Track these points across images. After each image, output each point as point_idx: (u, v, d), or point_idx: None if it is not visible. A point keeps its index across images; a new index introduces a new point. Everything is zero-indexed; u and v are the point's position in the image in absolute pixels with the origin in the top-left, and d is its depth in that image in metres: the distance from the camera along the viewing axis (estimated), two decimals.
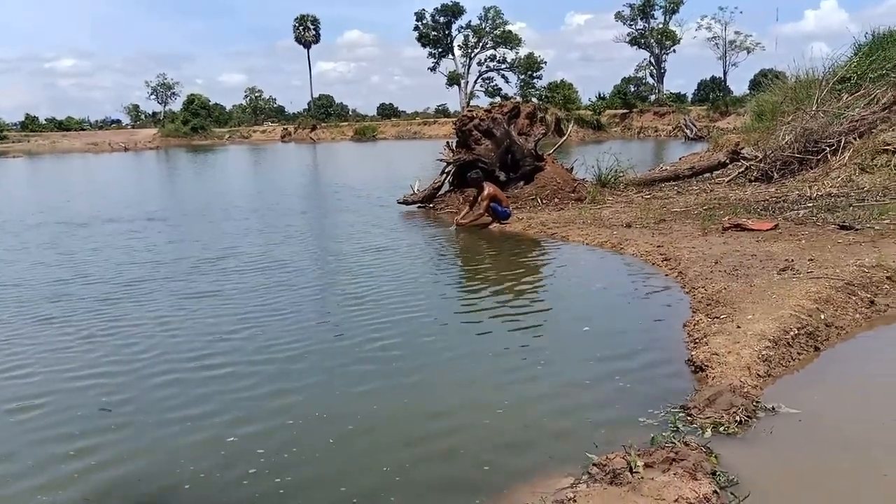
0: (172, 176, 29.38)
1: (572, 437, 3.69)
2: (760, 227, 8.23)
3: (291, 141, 66.86)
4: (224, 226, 12.09)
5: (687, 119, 49.45)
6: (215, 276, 7.91)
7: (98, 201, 17.33)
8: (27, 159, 46.85)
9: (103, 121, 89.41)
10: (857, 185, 10.64)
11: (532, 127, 13.21)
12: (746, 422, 3.63)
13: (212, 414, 4.16)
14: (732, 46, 65.78)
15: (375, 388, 4.48)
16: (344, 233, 11.15)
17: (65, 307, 6.74)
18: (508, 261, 8.50)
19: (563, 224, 10.10)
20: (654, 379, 4.41)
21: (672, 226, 9.21)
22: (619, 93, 64.92)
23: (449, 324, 5.91)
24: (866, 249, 6.79)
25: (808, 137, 12.48)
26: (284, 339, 5.50)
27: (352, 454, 3.64)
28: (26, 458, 3.72)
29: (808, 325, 4.83)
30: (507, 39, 73.10)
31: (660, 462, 3.19)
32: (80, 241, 10.85)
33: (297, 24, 77.73)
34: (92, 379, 4.80)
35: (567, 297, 6.82)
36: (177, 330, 5.87)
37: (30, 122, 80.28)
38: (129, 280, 7.84)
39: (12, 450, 3.83)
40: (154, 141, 65.86)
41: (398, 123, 72.94)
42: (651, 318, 5.77)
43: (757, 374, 4.17)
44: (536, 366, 4.78)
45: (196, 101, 75.25)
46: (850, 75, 14.23)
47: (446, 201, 13.01)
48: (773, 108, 16.59)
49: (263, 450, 3.67)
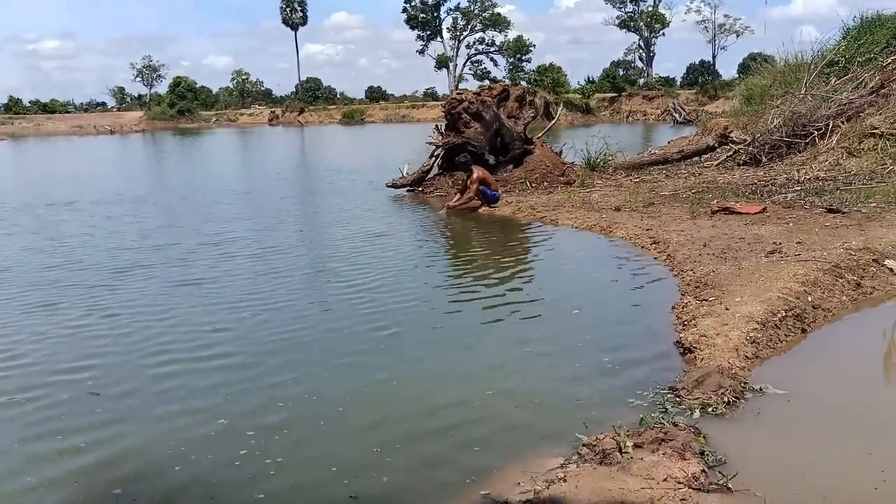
0: (160, 160, 29.12)
1: (562, 417, 3.71)
2: (749, 211, 8.27)
3: (279, 124, 66.36)
4: (214, 210, 11.98)
5: (675, 103, 49.43)
6: (208, 262, 7.85)
7: (88, 185, 17.12)
8: (11, 142, 46.27)
9: (88, 103, 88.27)
10: (844, 169, 10.70)
11: (521, 110, 13.17)
12: (734, 402, 3.67)
13: (204, 396, 4.15)
14: (721, 30, 65.89)
15: (365, 371, 4.48)
16: (333, 217, 11.10)
17: (54, 293, 6.68)
18: (498, 244, 8.51)
19: (552, 207, 10.11)
20: (642, 360, 4.43)
21: (661, 209, 9.24)
22: (608, 76, 64.79)
23: (438, 308, 5.91)
24: (853, 232, 6.84)
25: (797, 121, 12.53)
26: (279, 326, 5.48)
27: (342, 435, 3.65)
28: (17, 446, 3.71)
29: (796, 308, 4.87)
30: (495, 22, 72.64)
31: (649, 442, 3.22)
32: (72, 226, 10.75)
33: (285, 4, 76.89)
34: (84, 371, 4.77)
35: (556, 280, 6.84)
36: (171, 317, 5.82)
37: (13, 104, 79.07)
38: (122, 266, 7.77)
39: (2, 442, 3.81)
40: (140, 124, 65.11)
41: (386, 107, 72.45)
42: (640, 301, 5.80)
43: (745, 356, 4.21)
44: (526, 347, 4.80)
45: (182, 84, 74.38)
46: (839, 59, 14.27)
47: (435, 184, 12.98)
48: (762, 92, 16.66)
49: (254, 432, 3.67)
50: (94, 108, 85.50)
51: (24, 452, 3.60)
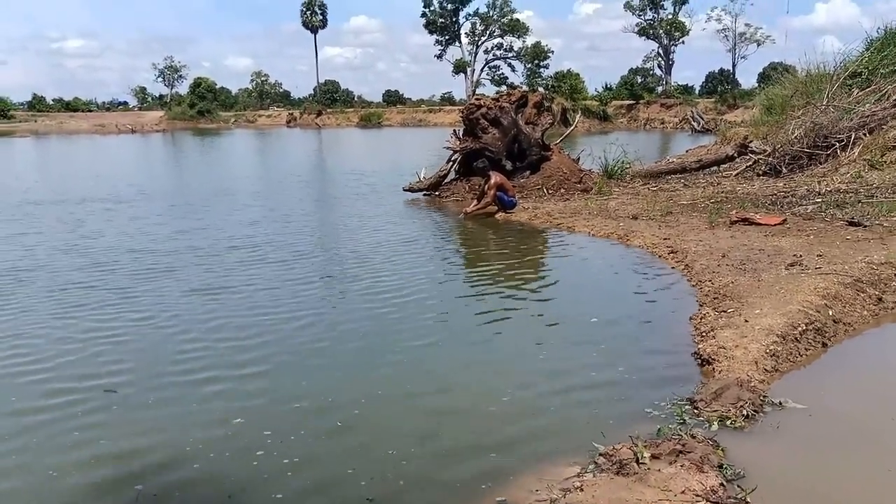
0: (182, 161, 29.34)
1: (579, 426, 3.71)
2: (768, 222, 8.21)
3: (297, 126, 66.68)
4: (235, 215, 12.00)
5: (694, 111, 49.14)
6: (226, 266, 7.91)
7: (116, 184, 17.29)
8: (34, 139, 46.83)
9: (110, 102, 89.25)
10: (866, 182, 10.60)
11: (539, 116, 13.17)
12: (753, 416, 3.64)
13: (222, 396, 4.19)
14: (742, 39, 65.28)
15: (381, 375, 4.51)
16: (351, 221, 11.13)
17: (70, 295, 6.76)
18: (515, 251, 8.50)
19: (569, 214, 10.09)
20: (660, 371, 4.41)
21: (679, 218, 9.19)
22: (626, 83, 64.48)
23: (454, 315, 5.92)
24: (875, 246, 6.78)
25: (818, 132, 12.43)
26: (297, 329, 5.52)
27: (359, 437, 3.66)
28: (33, 438, 3.76)
29: (816, 321, 4.83)
30: (514, 28, 72.62)
31: (666, 454, 3.21)
32: (101, 225, 10.87)
33: (305, 8, 77.27)
34: (102, 369, 4.82)
35: (573, 287, 6.83)
36: (191, 321, 5.88)
37: (37, 101, 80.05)
38: (146, 268, 7.85)
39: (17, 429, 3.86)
40: (161, 123, 65.67)
41: (404, 110, 72.61)
42: (657, 311, 5.77)
43: (764, 369, 4.18)
44: (543, 355, 4.79)
45: (203, 85, 74.98)
46: (861, 70, 14.16)
47: (452, 189, 12.99)
48: (783, 102, 16.53)
49: (270, 432, 3.69)
50: (115, 107, 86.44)
51: (48, 446, 3.64)
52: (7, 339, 5.30)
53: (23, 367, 4.72)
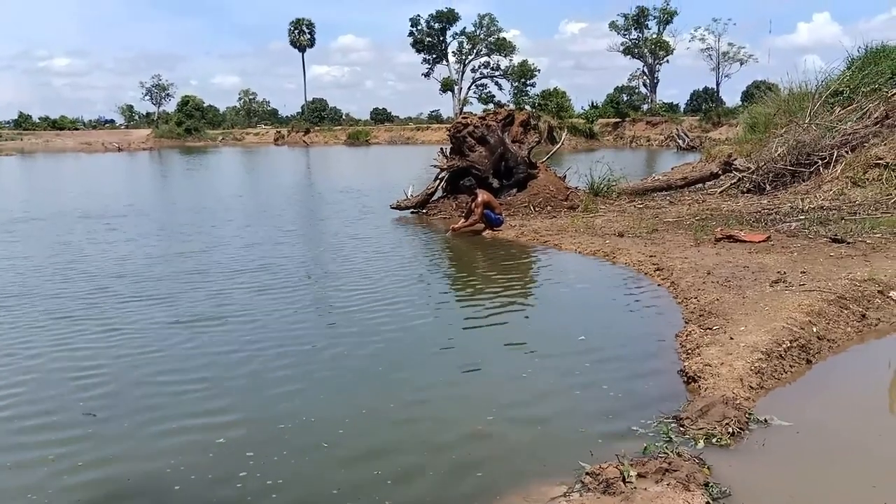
0: (168, 178, 29.22)
1: (565, 445, 3.69)
2: (753, 239, 8.27)
3: (284, 144, 66.75)
4: (218, 232, 11.95)
5: (679, 129, 49.65)
6: (211, 289, 7.86)
7: (95, 201, 17.17)
8: (20, 157, 46.52)
9: (97, 120, 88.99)
10: (848, 199, 10.71)
11: (526, 135, 13.26)
12: (739, 433, 3.64)
13: (202, 415, 4.14)
14: (725, 58, 66.17)
15: (366, 395, 4.47)
16: (338, 239, 11.10)
17: (60, 310, 6.69)
18: (501, 268, 8.51)
19: (555, 232, 10.12)
20: (646, 389, 4.41)
21: (664, 236, 9.24)
22: (612, 102, 65.14)
23: (442, 333, 5.90)
24: (858, 263, 6.83)
25: (801, 150, 12.58)
26: (283, 347, 5.48)
27: (342, 457, 3.62)
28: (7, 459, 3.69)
29: (801, 338, 4.85)
30: (501, 47, 73.34)
31: (653, 472, 3.19)
32: (85, 246, 10.79)
33: (293, 27, 77.75)
34: (81, 391, 4.76)
35: (559, 305, 6.83)
36: (178, 344, 5.83)
37: (23, 120, 79.79)
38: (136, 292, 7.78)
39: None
40: (148, 142, 65.58)
41: (391, 128, 72.95)
42: (643, 328, 5.78)
43: (749, 386, 4.18)
44: (529, 373, 4.77)
45: (190, 103, 75.07)
46: (843, 89, 14.37)
47: (439, 207, 13.02)
48: (766, 120, 16.73)
49: (253, 452, 3.64)
50: (102, 125, 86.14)
51: (23, 470, 3.58)
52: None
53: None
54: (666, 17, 66.62)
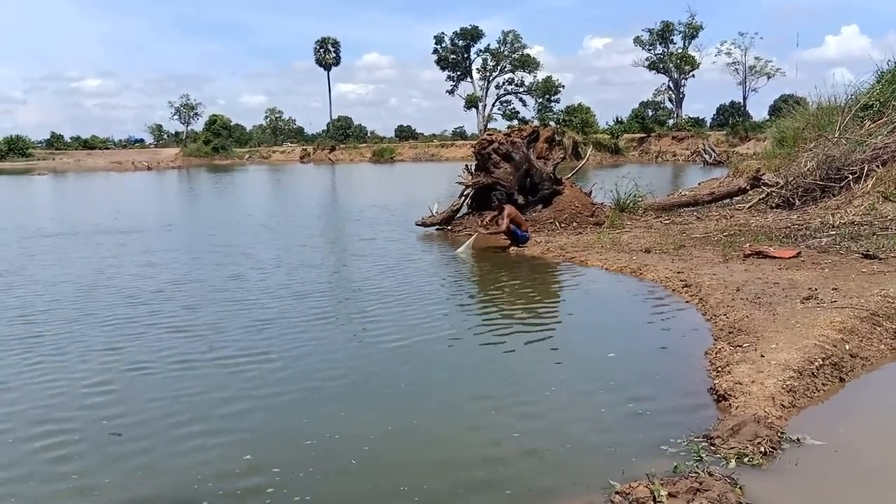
0: (198, 196, 29.68)
1: (595, 462, 3.67)
2: (782, 255, 8.17)
3: (310, 162, 67.40)
4: (250, 249, 12.11)
5: (706, 144, 49.29)
6: (239, 302, 7.96)
7: (136, 219, 17.50)
8: (52, 177, 47.55)
9: (127, 140, 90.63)
10: (880, 214, 10.52)
11: (551, 151, 13.26)
12: (771, 453, 3.59)
13: (229, 433, 4.18)
14: (752, 72, 65.51)
15: (392, 412, 4.49)
16: (365, 255, 11.18)
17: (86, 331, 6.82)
18: (528, 285, 8.49)
19: (581, 248, 10.08)
20: (675, 407, 4.37)
21: (692, 252, 9.16)
22: (637, 117, 64.87)
23: (469, 349, 5.91)
24: (891, 279, 6.72)
25: (831, 164, 12.40)
26: (308, 366, 5.52)
27: (368, 475, 3.63)
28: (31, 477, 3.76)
29: (833, 356, 4.78)
30: (525, 63, 73.54)
31: (683, 492, 3.16)
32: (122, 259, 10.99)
33: (318, 46, 78.73)
34: (105, 409, 4.83)
35: (587, 322, 6.80)
36: (211, 362, 5.91)
37: (55, 140, 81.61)
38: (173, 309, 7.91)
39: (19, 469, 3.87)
40: (176, 160, 66.63)
41: (416, 145, 73.31)
42: (672, 346, 5.73)
43: (781, 405, 4.13)
44: (557, 390, 4.75)
45: (218, 122, 76.22)
46: (873, 102, 14.17)
47: (464, 223, 13.04)
48: (795, 135, 16.55)
49: (279, 469, 3.67)
50: (132, 144, 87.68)
51: (47, 490, 3.64)
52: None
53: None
54: (691, 31, 66.33)
